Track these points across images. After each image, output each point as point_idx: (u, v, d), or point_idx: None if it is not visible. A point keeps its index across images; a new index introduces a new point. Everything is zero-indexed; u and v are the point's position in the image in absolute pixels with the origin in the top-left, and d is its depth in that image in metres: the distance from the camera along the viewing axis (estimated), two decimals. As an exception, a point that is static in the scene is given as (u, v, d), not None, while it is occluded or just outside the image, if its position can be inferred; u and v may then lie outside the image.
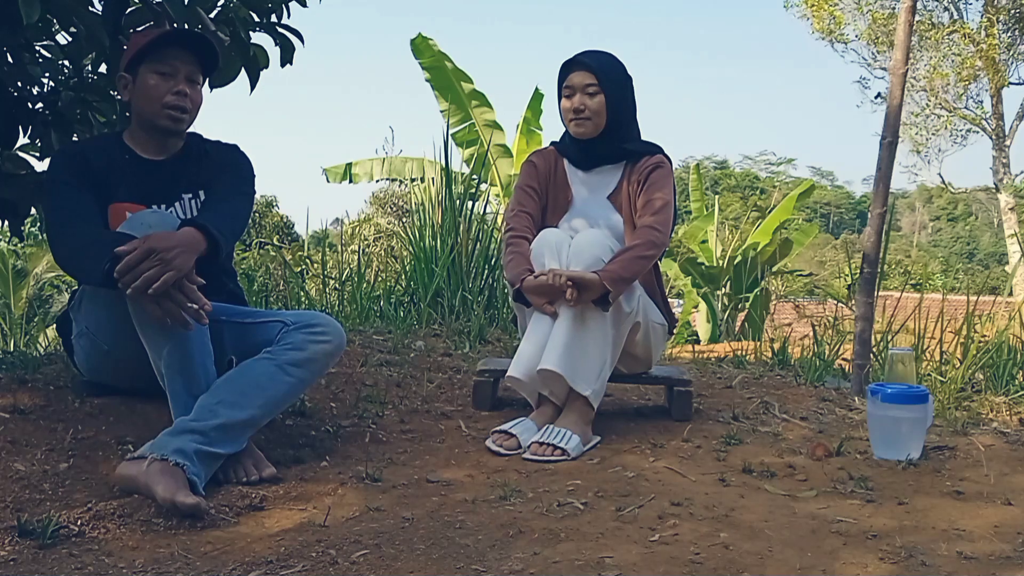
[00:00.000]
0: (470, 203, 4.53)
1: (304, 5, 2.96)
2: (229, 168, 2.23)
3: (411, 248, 4.50)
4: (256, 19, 2.83)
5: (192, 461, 1.74)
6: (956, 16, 16.72)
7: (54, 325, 2.43)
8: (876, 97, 17.96)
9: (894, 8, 15.86)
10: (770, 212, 13.09)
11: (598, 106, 2.40)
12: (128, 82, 2.13)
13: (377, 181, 11.23)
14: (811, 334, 3.89)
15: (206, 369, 1.92)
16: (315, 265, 6.73)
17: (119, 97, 2.23)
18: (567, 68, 2.45)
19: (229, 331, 2.09)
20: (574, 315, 2.22)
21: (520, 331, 2.45)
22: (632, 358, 2.45)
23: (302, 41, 2.85)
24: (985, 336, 3.66)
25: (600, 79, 2.40)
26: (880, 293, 3.34)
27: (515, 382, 2.34)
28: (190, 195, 2.19)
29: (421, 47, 9.77)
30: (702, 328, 12.53)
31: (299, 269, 6.16)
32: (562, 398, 2.28)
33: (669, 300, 2.59)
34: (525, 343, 2.31)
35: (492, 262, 4.38)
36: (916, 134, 17.47)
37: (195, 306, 1.83)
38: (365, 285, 4.47)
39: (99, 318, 2.02)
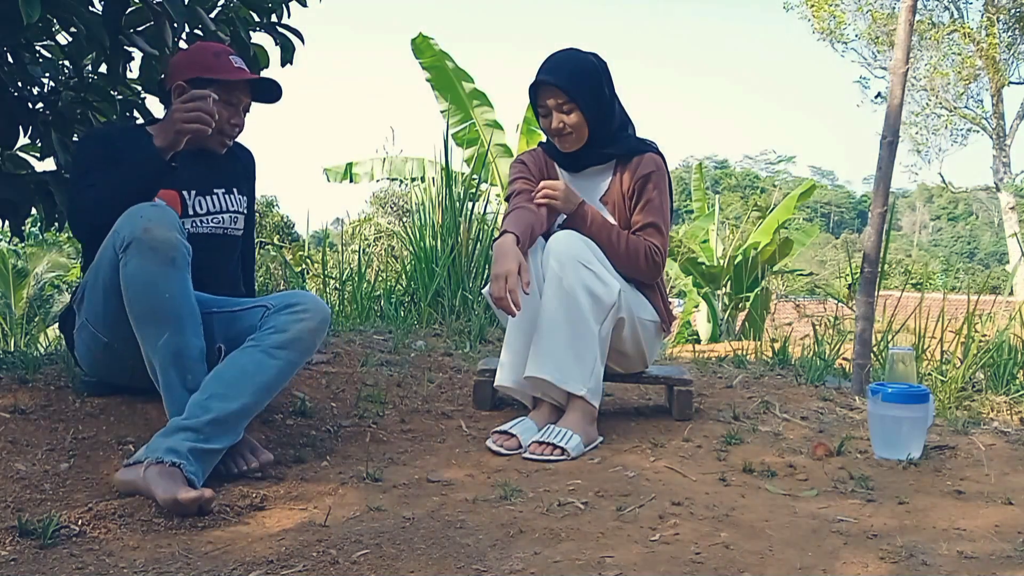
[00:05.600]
0: (470, 203, 4.53)
1: (304, 5, 2.96)
2: (252, 178, 2.40)
3: (411, 248, 4.50)
4: (256, 19, 2.84)
5: (188, 460, 1.74)
6: (956, 15, 16.74)
7: (56, 324, 2.44)
8: (876, 97, 18.01)
9: (894, 8, 15.86)
10: (771, 212, 13.09)
11: (576, 121, 2.34)
12: (185, 91, 2.10)
13: (377, 181, 11.21)
14: (811, 334, 3.89)
15: (199, 363, 1.93)
16: (315, 265, 6.73)
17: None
18: (535, 89, 2.36)
19: (217, 321, 2.10)
20: (550, 315, 2.22)
21: (500, 319, 2.43)
22: (623, 356, 2.43)
23: (302, 41, 2.85)
24: (986, 336, 3.66)
25: (571, 94, 2.31)
26: (880, 292, 3.34)
27: (505, 389, 2.34)
28: (223, 190, 2.29)
29: (421, 47, 9.75)
30: (703, 328, 12.53)
31: (299, 269, 6.17)
32: (560, 399, 2.28)
33: (670, 300, 2.58)
34: (506, 350, 2.31)
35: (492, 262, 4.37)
36: (916, 133, 17.50)
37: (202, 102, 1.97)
38: (365, 285, 4.47)
39: (98, 310, 2.02)
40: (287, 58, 2.84)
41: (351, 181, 10.72)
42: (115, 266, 1.89)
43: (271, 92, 2.28)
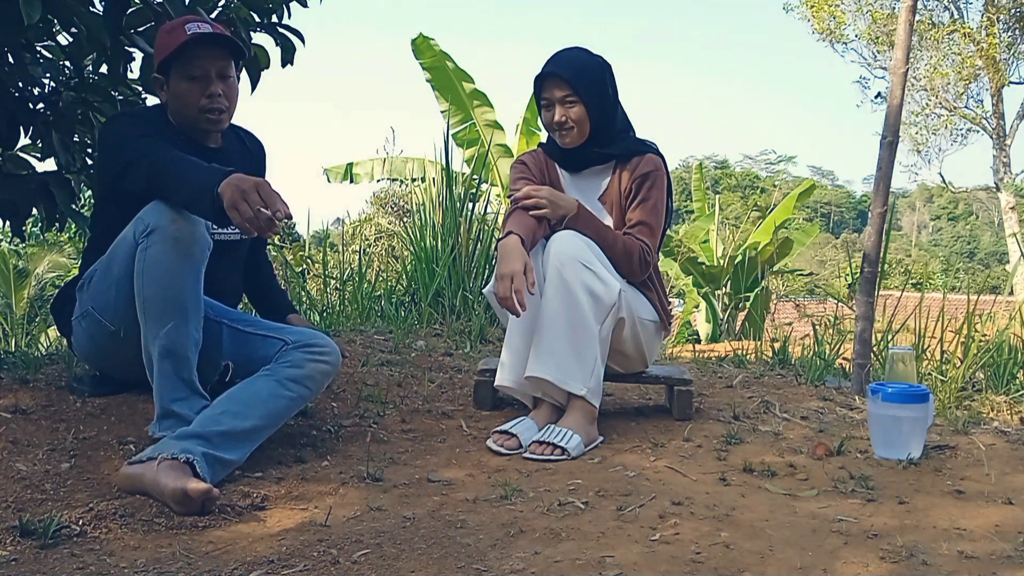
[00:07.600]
0: (471, 203, 4.53)
1: (305, 5, 2.97)
2: (262, 174, 2.36)
3: (412, 248, 4.50)
4: (257, 19, 2.84)
5: (200, 460, 1.75)
6: (956, 15, 16.74)
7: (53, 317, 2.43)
8: (876, 97, 18.01)
9: (894, 8, 15.86)
10: (770, 211, 13.10)
11: (579, 116, 2.35)
12: (163, 83, 2.15)
13: (378, 181, 11.23)
14: (811, 333, 3.89)
15: (194, 355, 1.94)
16: (316, 265, 6.73)
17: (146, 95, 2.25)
18: (540, 80, 2.38)
19: (229, 335, 2.11)
20: (551, 315, 2.22)
21: (501, 319, 2.43)
22: (623, 356, 2.43)
23: (303, 41, 2.85)
24: (986, 335, 3.66)
25: (575, 88, 2.33)
26: (880, 292, 3.34)
27: (506, 389, 2.35)
28: None
29: (422, 47, 9.76)
30: (703, 327, 12.54)
31: (300, 269, 6.16)
32: (561, 399, 2.28)
33: (670, 300, 2.58)
34: (506, 350, 2.32)
35: (493, 262, 4.38)
36: (916, 133, 17.49)
37: (267, 212, 1.74)
38: (366, 285, 4.47)
39: (108, 297, 2.02)
40: (288, 59, 2.84)
41: (351, 181, 10.74)
42: (133, 254, 1.90)
43: (233, 49, 2.14)
